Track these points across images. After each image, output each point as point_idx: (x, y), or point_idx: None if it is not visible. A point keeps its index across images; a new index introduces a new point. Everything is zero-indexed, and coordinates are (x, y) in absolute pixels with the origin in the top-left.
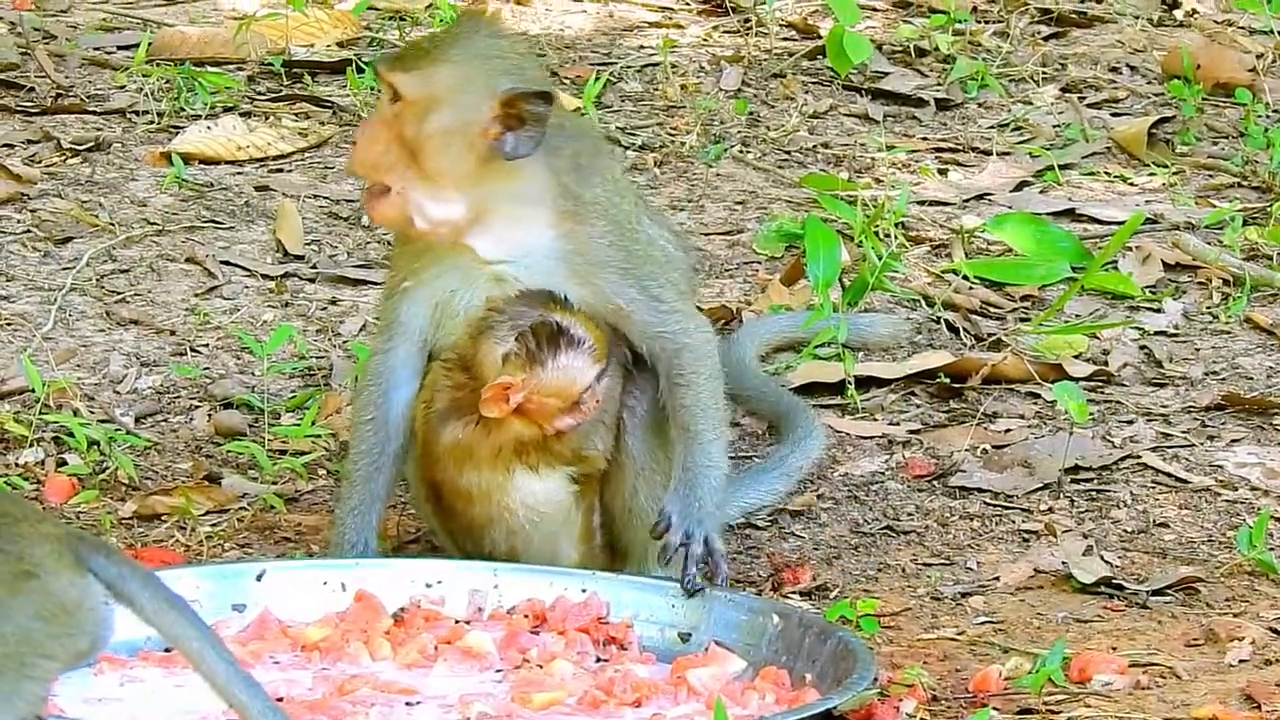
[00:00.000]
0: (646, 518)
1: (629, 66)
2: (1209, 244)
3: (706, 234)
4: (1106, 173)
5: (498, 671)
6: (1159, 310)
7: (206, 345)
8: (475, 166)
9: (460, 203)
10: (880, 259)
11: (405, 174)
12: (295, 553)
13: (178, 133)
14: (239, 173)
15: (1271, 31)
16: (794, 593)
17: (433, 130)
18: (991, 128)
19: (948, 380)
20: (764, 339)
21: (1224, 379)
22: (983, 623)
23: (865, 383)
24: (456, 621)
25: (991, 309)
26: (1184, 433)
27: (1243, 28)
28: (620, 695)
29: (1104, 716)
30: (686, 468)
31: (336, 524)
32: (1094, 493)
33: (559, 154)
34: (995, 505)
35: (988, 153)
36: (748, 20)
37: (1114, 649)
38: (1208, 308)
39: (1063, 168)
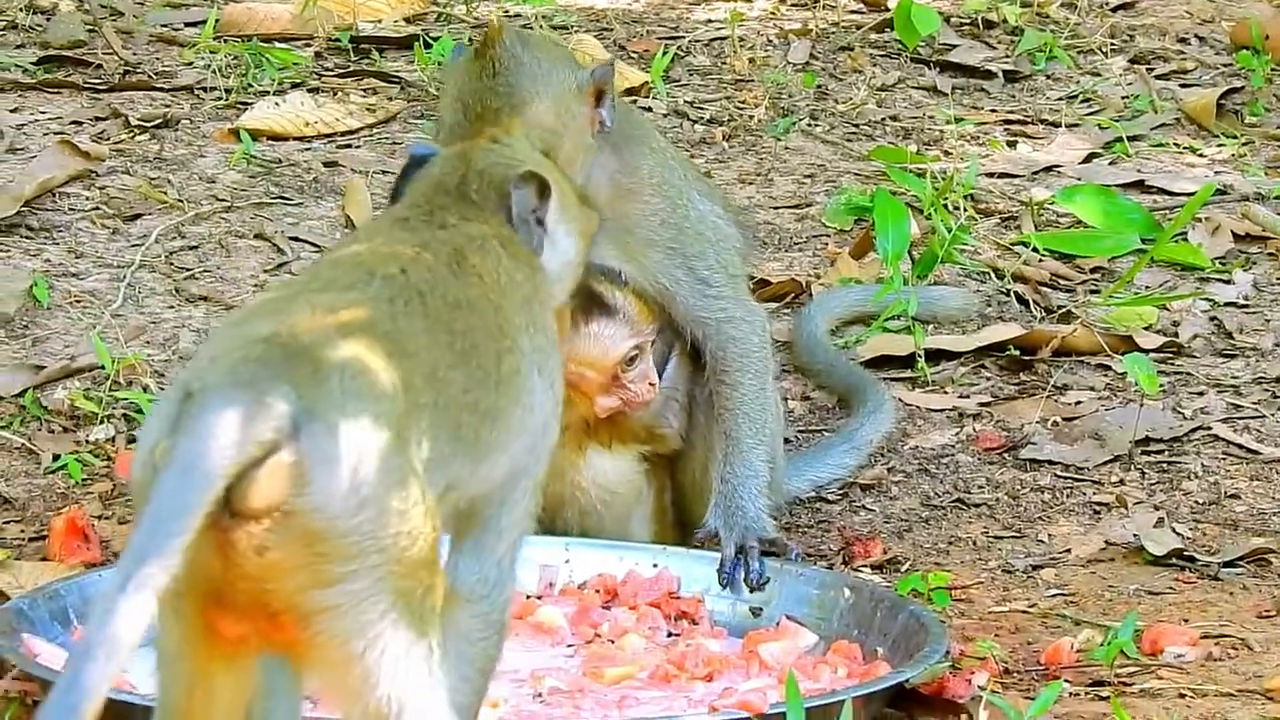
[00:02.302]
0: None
1: (696, 40)
2: (1278, 214)
3: (775, 208)
4: (1175, 144)
5: (569, 646)
6: (1229, 281)
7: None
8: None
9: None
10: (949, 232)
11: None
12: None
13: (245, 109)
14: (307, 148)
15: None
16: (865, 566)
17: (563, 156)
18: (1060, 99)
19: (1018, 353)
20: (835, 312)
21: None
22: (1054, 595)
23: (935, 355)
24: (528, 597)
25: (1061, 281)
26: (1254, 404)
27: None
28: (692, 669)
29: (1176, 688)
30: (725, 478)
31: None
32: (1165, 464)
33: (610, 131)
34: (1066, 477)
35: (1056, 124)
36: None
37: (1185, 621)
38: (1277, 278)
39: (1131, 139)
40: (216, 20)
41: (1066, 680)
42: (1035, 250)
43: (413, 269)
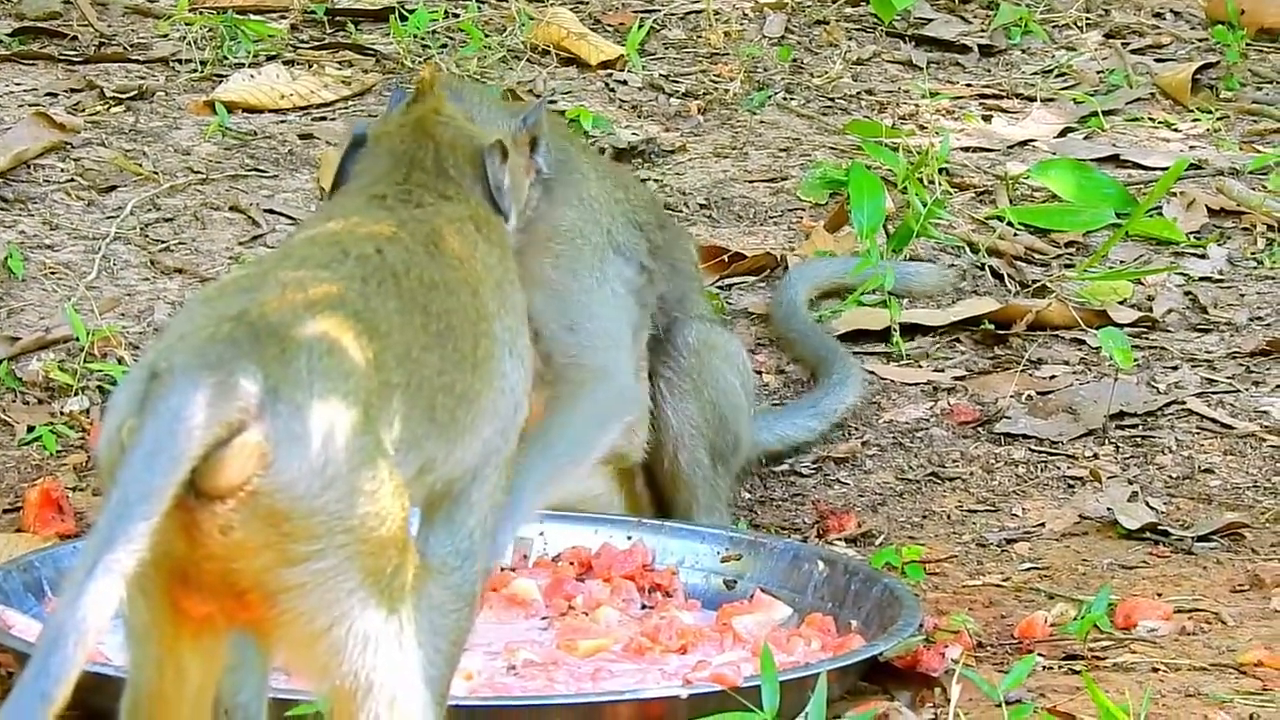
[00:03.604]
0: (689, 474)
1: (672, 14)
2: (1253, 189)
3: (750, 181)
4: (1150, 119)
5: (543, 619)
6: (1203, 256)
7: None
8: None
9: None
10: (924, 206)
11: None
12: None
13: (221, 81)
14: (282, 121)
15: None
16: (839, 539)
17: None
18: (1035, 74)
19: (992, 327)
20: (815, 281)
21: (1269, 324)
22: (1028, 569)
23: (910, 330)
24: (502, 569)
25: (1036, 255)
26: (1229, 378)
27: None
28: (665, 642)
29: (1149, 662)
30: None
31: None
32: (1139, 439)
33: (546, 176)
34: (1040, 452)
35: (1031, 99)
36: None
37: (1159, 595)
38: (1252, 253)
39: (1106, 114)
40: None
41: (1040, 654)
42: (1010, 225)
43: (389, 249)
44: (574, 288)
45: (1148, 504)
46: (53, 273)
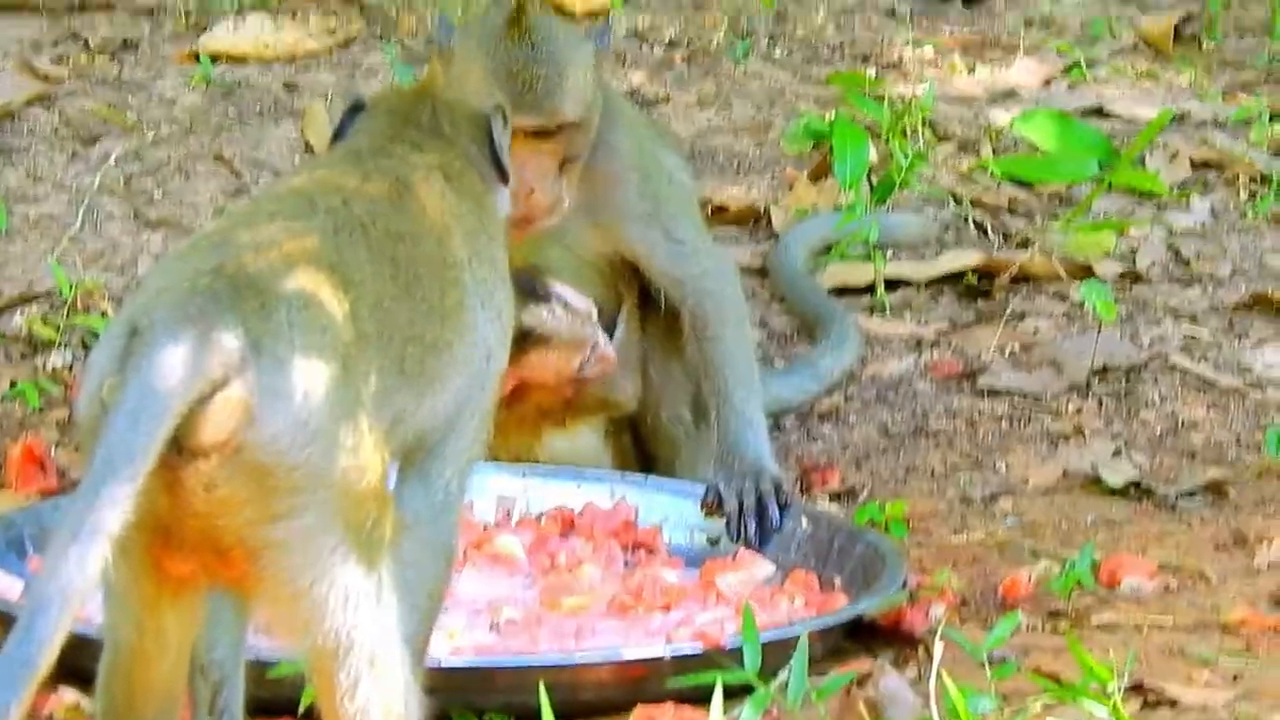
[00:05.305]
0: (671, 429)
1: None
2: (1236, 140)
3: (734, 132)
4: (1133, 69)
5: (526, 576)
6: (1186, 209)
7: None
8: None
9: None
10: (907, 157)
11: (564, 184)
12: None
13: (205, 32)
14: (266, 71)
15: None
16: (822, 495)
17: (590, 134)
18: (1018, 24)
19: (975, 280)
20: (809, 243)
21: (1251, 278)
22: (1012, 525)
23: (893, 283)
24: (485, 527)
25: (1019, 207)
26: (1212, 331)
27: None
28: (649, 600)
29: (1133, 621)
30: (723, 436)
31: None
32: (1122, 393)
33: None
34: (1023, 406)
35: (1015, 49)
36: None
37: (1143, 552)
38: (1235, 205)
39: (1089, 64)
40: None
41: (1024, 612)
42: (993, 176)
43: (354, 200)
44: (659, 205)
45: (1131, 459)
46: (36, 225)
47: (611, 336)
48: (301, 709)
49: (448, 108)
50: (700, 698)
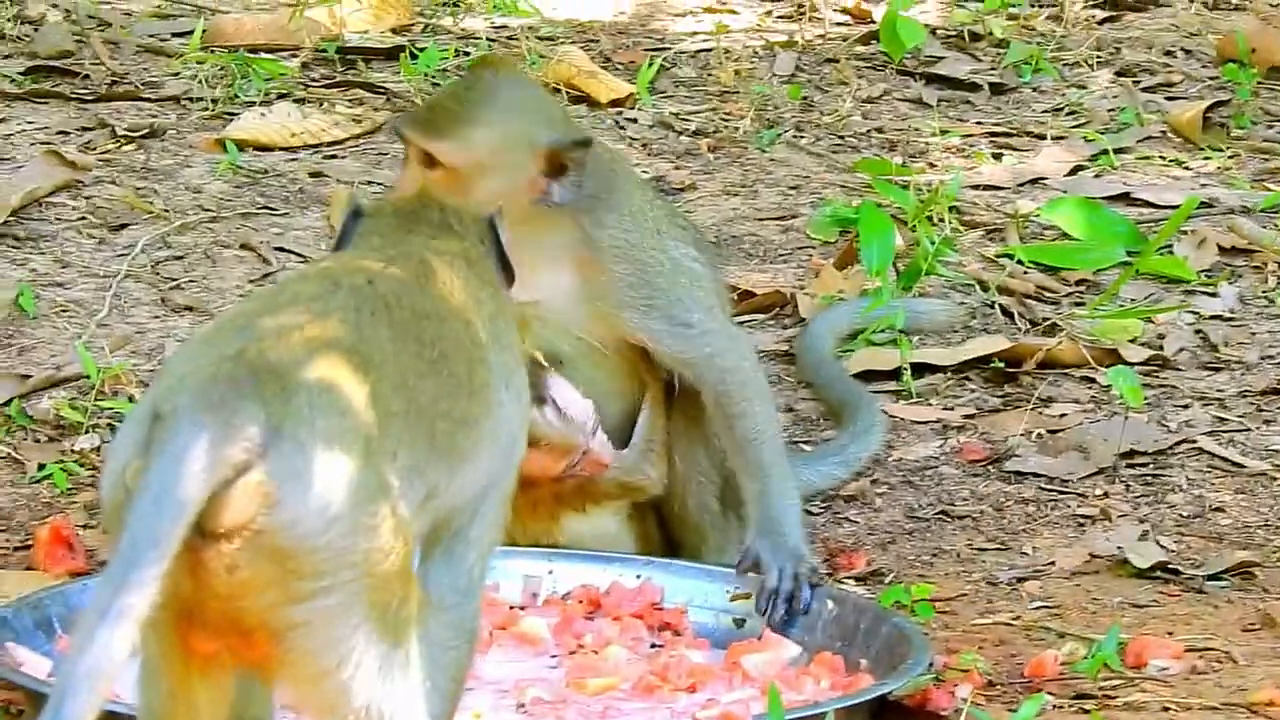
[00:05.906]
0: (697, 518)
1: (682, 52)
2: (1264, 228)
3: (760, 219)
4: (1161, 157)
5: (552, 657)
6: (1214, 294)
7: None
8: (516, 220)
9: None
10: (933, 244)
11: None
12: None
13: (232, 119)
14: (293, 159)
15: None
16: (849, 578)
17: (479, 195)
18: (1046, 112)
19: (1002, 365)
20: (838, 329)
21: (1279, 363)
22: (1038, 608)
23: (920, 368)
24: (511, 607)
25: (1046, 293)
26: (1239, 417)
27: None
28: (675, 680)
29: (1160, 701)
30: (764, 507)
31: None
32: (1149, 477)
33: (579, 194)
34: (1050, 490)
35: (1042, 137)
36: (801, 5)
37: (1170, 634)
38: (1263, 292)
39: (1117, 152)
40: (203, 31)
41: (1050, 693)
42: (1020, 263)
43: (379, 280)
44: (656, 294)
45: (1158, 542)
46: (64, 310)
47: (632, 431)
48: None
49: (454, 209)
50: None
